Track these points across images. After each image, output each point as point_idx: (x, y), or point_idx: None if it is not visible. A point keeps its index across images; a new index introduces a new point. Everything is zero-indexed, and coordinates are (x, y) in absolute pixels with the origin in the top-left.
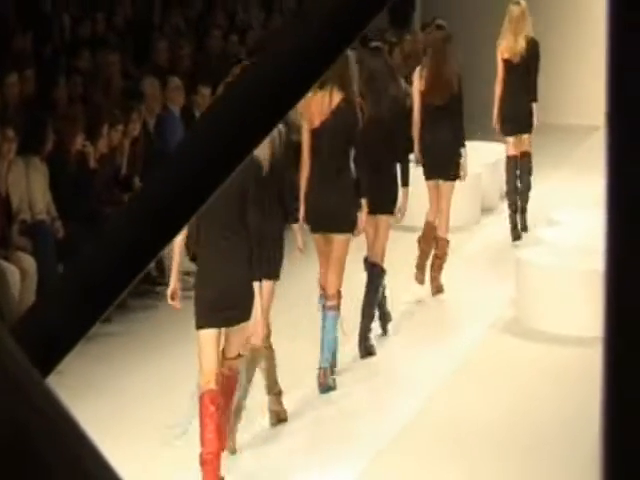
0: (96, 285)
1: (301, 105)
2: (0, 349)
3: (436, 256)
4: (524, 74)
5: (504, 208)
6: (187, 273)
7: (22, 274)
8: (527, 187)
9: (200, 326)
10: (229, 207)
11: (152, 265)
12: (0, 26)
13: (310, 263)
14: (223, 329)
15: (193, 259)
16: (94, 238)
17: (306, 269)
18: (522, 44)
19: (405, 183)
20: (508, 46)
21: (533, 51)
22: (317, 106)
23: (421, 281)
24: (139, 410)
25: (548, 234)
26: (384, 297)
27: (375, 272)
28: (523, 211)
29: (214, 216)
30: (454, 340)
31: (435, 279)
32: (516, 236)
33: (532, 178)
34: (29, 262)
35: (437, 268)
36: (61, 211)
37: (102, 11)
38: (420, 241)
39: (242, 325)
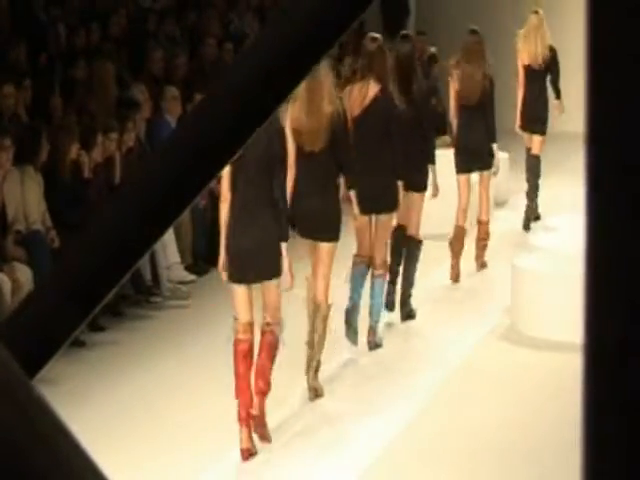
0: (82, 285)
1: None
2: None
3: (480, 239)
4: (544, 79)
5: (498, 215)
6: (181, 282)
7: (17, 284)
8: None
9: (233, 280)
10: (262, 173)
11: (148, 275)
12: None
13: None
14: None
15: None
16: (80, 237)
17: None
18: (542, 51)
19: (433, 161)
20: (529, 53)
21: (552, 58)
22: (355, 97)
23: (456, 279)
24: (134, 419)
25: (543, 241)
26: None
27: (413, 244)
28: (533, 198)
29: (248, 180)
30: (450, 347)
31: (480, 257)
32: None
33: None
34: (24, 272)
35: (482, 247)
36: (56, 221)
37: (97, 21)
38: (452, 243)
39: (273, 282)
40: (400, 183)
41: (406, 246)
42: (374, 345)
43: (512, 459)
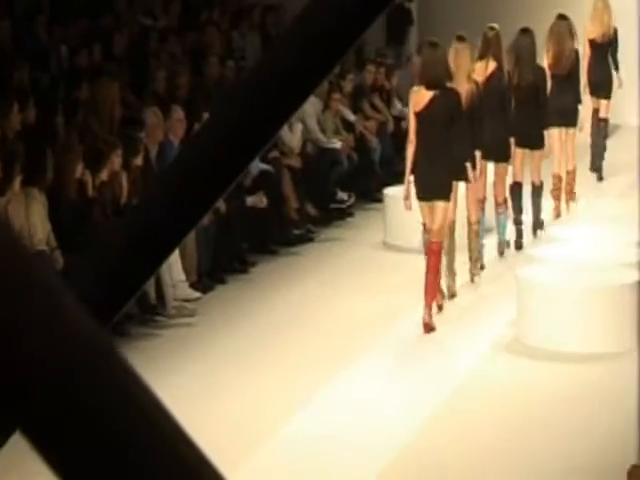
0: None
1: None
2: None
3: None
4: (606, 52)
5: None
6: (187, 300)
7: None
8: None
9: (418, 199)
10: (440, 125)
11: (152, 294)
12: None
13: None
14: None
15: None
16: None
17: None
18: (606, 28)
19: (546, 125)
20: (594, 29)
21: (614, 34)
22: (479, 72)
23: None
24: None
25: (547, 252)
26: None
27: (536, 188)
28: (601, 157)
29: (429, 130)
30: (455, 359)
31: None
32: (598, 173)
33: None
34: None
35: (565, 195)
36: (61, 241)
37: (99, 41)
38: (554, 190)
39: (442, 204)
40: (512, 139)
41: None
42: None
43: (518, 471)
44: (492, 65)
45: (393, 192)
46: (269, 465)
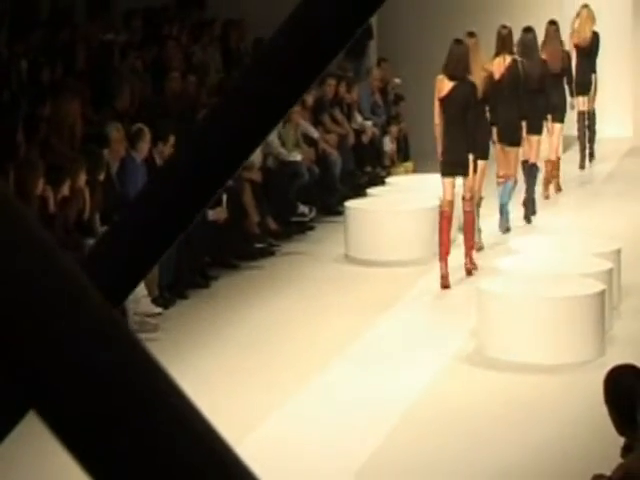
0: None
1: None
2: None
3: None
4: (588, 55)
5: (462, 241)
6: (148, 315)
7: None
8: (594, 132)
9: (443, 174)
10: (460, 109)
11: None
12: None
13: None
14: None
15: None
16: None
17: None
18: (588, 34)
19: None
20: (578, 35)
21: (596, 41)
22: (498, 66)
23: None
24: None
25: (507, 263)
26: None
27: (533, 167)
28: (592, 145)
29: (452, 113)
30: (415, 371)
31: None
32: (582, 165)
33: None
34: None
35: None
36: None
37: (60, 56)
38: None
39: (467, 178)
40: (524, 124)
41: (528, 168)
42: (505, 230)
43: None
44: (508, 59)
45: (354, 205)
46: None
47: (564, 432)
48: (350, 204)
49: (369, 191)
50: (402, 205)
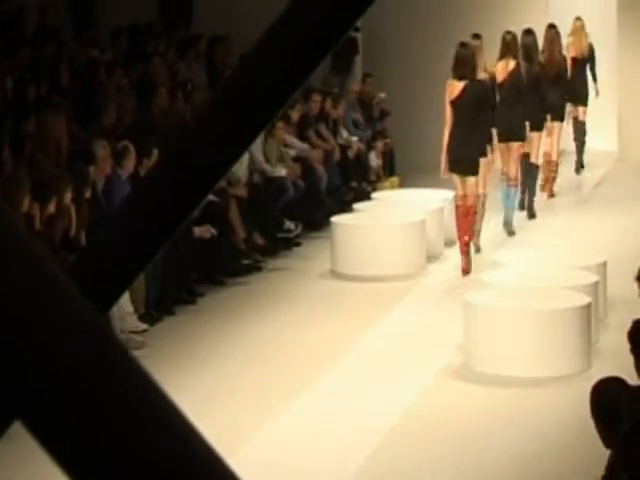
0: None
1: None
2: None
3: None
4: (585, 66)
5: (448, 255)
6: (135, 332)
7: None
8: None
9: (450, 171)
10: (471, 111)
11: None
12: None
13: None
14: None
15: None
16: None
17: None
18: (584, 46)
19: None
20: (574, 47)
21: (591, 51)
22: (501, 70)
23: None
24: None
25: (494, 277)
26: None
27: (534, 168)
28: (581, 152)
29: (462, 115)
30: (402, 386)
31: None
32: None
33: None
34: None
35: (552, 180)
36: None
37: (46, 73)
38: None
39: (473, 178)
40: (527, 123)
41: (529, 169)
42: (510, 233)
43: None
44: (512, 63)
45: (340, 221)
46: None
47: (551, 445)
48: (336, 219)
49: (355, 206)
50: (388, 220)
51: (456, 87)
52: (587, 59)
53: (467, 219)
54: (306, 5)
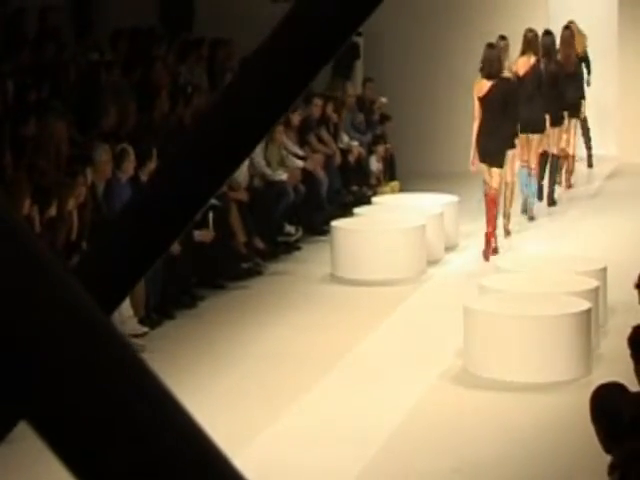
0: None
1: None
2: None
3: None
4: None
5: (448, 260)
6: (135, 335)
7: None
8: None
9: (480, 162)
10: (499, 106)
11: None
12: None
13: None
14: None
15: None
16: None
17: None
18: (582, 47)
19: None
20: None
21: (585, 54)
22: (520, 65)
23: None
24: None
25: (494, 282)
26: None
27: (555, 159)
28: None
29: (491, 109)
30: (402, 390)
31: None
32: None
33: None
34: None
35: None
36: None
37: (46, 76)
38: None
39: (497, 170)
40: (547, 117)
41: (551, 160)
42: (531, 218)
43: None
44: (532, 59)
45: (340, 225)
46: None
47: (550, 450)
48: (336, 223)
49: (355, 210)
50: (388, 224)
51: (484, 85)
52: (581, 60)
53: (490, 209)
54: (309, 9)
